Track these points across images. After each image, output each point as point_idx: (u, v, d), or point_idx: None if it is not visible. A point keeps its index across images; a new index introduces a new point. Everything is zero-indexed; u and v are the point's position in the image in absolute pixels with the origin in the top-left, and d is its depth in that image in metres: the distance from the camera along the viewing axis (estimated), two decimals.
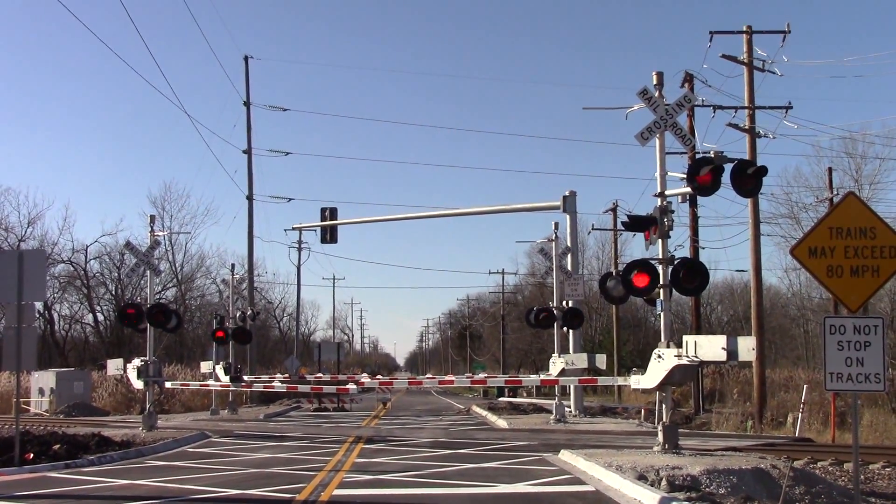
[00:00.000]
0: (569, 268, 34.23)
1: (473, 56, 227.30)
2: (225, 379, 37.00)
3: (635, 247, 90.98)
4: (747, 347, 17.41)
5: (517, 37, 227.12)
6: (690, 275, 18.23)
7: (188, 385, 41.59)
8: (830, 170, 44.05)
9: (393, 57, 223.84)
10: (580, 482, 15.36)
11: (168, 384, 37.04)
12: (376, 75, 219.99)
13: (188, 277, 78.18)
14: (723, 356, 17.51)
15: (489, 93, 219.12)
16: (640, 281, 18.25)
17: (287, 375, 47.18)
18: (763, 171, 18.08)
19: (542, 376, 32.76)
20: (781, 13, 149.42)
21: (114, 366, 31.49)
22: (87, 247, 72.54)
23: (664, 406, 18.78)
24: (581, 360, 29.91)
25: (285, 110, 62.97)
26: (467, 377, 42.53)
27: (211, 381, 37.65)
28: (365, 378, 34.68)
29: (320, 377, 45.73)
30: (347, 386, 33.59)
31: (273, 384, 38.26)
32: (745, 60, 33.26)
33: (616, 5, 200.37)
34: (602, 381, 31.55)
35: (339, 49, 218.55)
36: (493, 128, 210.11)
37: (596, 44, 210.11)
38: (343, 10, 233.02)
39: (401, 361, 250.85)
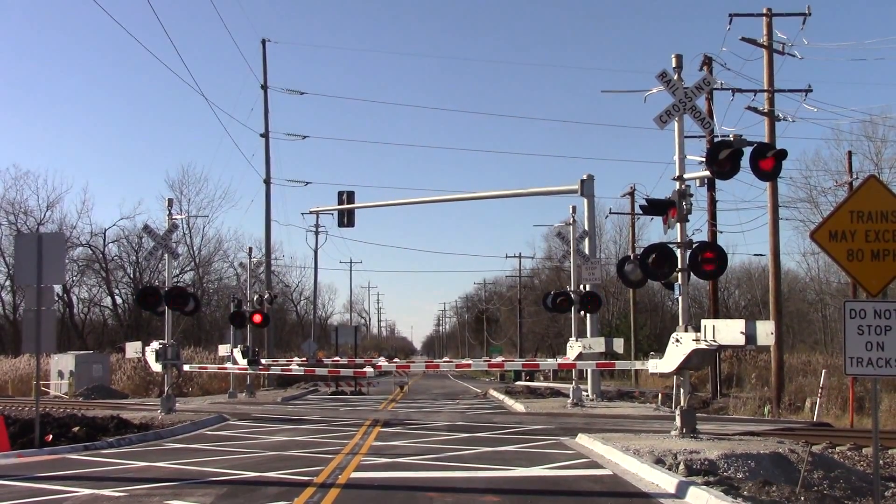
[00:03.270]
0: (586, 252, 34.13)
1: (491, 39, 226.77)
2: (242, 362, 37.13)
3: (653, 231, 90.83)
4: (766, 332, 17.32)
5: (535, 20, 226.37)
6: (708, 259, 18.15)
7: (206, 368, 41.76)
8: (850, 153, 43.74)
9: (409, 40, 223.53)
10: (597, 466, 15.35)
11: (186, 367, 37.17)
12: (394, 58, 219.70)
13: (206, 261, 78.54)
14: (741, 340, 17.43)
15: (507, 76, 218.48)
16: (659, 265, 18.19)
17: (304, 359, 47.35)
18: (782, 154, 17.95)
19: (560, 360, 32.78)
20: None
21: (132, 349, 31.62)
22: (106, 230, 73.03)
23: (682, 390, 18.74)
24: (598, 345, 29.87)
25: (302, 94, 62.70)
26: (484, 360, 42.61)
27: (229, 364, 37.79)
28: (382, 361, 34.80)
29: (337, 361, 45.83)
30: (365, 369, 33.70)
31: (291, 367, 38.41)
32: (765, 43, 33.00)
33: None
34: (619, 364, 31.55)
35: (357, 32, 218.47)
36: (511, 111, 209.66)
37: (614, 26, 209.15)
38: None
39: (418, 345, 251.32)
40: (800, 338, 74.43)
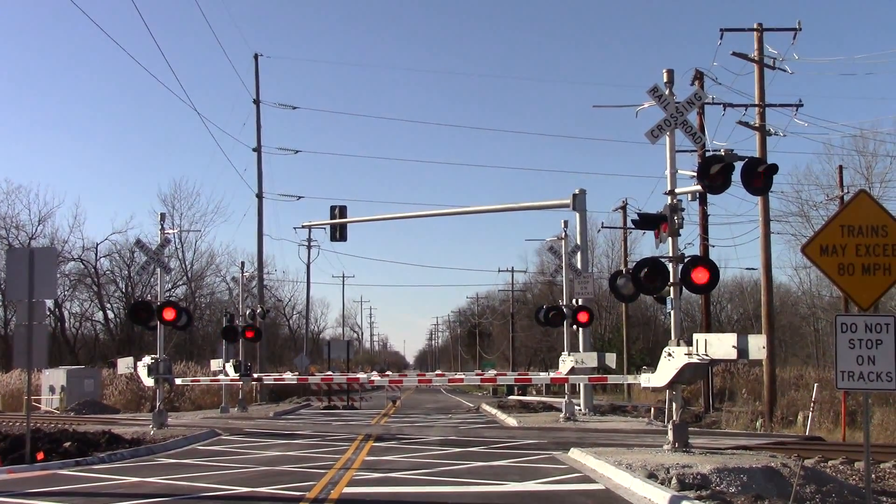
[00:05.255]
0: (578, 266, 34.17)
1: (482, 53, 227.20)
2: (235, 377, 37.02)
3: (645, 245, 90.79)
4: (758, 346, 17.35)
5: (527, 34, 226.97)
6: (700, 273, 18.18)
7: (199, 381, 41.63)
8: (841, 168, 43.88)
9: (401, 54, 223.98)
10: (590, 480, 15.34)
11: (178, 381, 37.10)
12: (385, 73, 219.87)
13: (198, 275, 78.36)
14: (733, 354, 17.45)
15: (499, 90, 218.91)
16: (651, 279, 18.22)
17: (297, 373, 47.27)
18: (773, 169, 18.03)
19: (552, 374, 32.76)
20: (792, 11, 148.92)
21: (124, 364, 31.51)
22: (98, 245, 72.88)
23: (674, 404, 18.74)
24: (591, 360, 29.84)
25: (294, 108, 62.87)
26: (477, 374, 42.58)
27: (221, 376, 37.71)
28: (375, 376, 34.79)
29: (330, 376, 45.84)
30: (358, 375, 33.79)
31: (284, 377, 38.60)
32: (756, 58, 33.15)
33: (626, 2, 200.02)
34: (612, 379, 31.54)
35: (348, 47, 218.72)
36: (503, 125, 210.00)
37: (606, 41, 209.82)
38: (352, 7, 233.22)
39: (410, 359, 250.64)
40: (792, 351, 74.60)
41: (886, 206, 12.12)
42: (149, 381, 29.08)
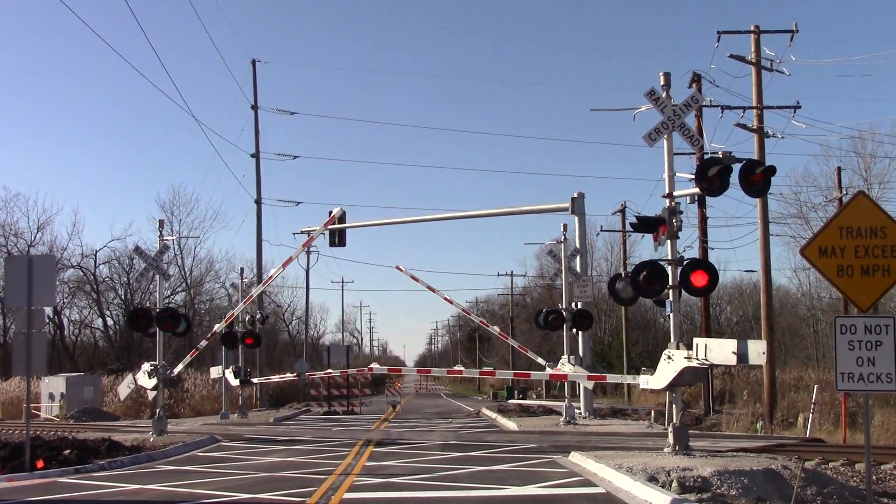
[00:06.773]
0: (577, 269, 34.15)
1: (480, 58, 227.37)
2: (235, 383, 36.96)
3: (644, 248, 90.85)
4: (757, 351, 17.34)
5: (524, 38, 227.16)
6: (699, 276, 18.18)
7: (198, 350, 41.26)
8: (839, 169, 43.95)
9: (399, 59, 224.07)
10: (590, 484, 15.32)
11: (178, 368, 37.07)
12: (383, 78, 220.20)
13: (197, 282, 78.21)
14: (733, 360, 17.44)
15: (496, 95, 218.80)
16: (650, 282, 18.21)
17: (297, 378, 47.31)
18: (771, 171, 18.04)
19: (550, 371, 32.85)
20: (789, 12, 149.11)
21: (125, 386, 31.19)
22: (97, 251, 72.73)
23: (674, 407, 18.73)
24: (588, 384, 29.94)
25: (293, 114, 62.86)
26: (481, 321, 42.85)
27: (217, 325, 37.40)
28: (375, 364, 35.23)
29: (330, 373, 45.90)
30: (371, 366, 34.00)
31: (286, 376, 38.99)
32: (753, 60, 33.18)
33: (622, 5, 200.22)
34: (611, 378, 31.64)
35: (347, 52, 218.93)
36: (501, 130, 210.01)
37: (603, 44, 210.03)
38: (350, 13, 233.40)
39: (410, 364, 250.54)
40: (792, 353, 74.54)
41: (885, 208, 12.13)
42: (151, 383, 28.96)
